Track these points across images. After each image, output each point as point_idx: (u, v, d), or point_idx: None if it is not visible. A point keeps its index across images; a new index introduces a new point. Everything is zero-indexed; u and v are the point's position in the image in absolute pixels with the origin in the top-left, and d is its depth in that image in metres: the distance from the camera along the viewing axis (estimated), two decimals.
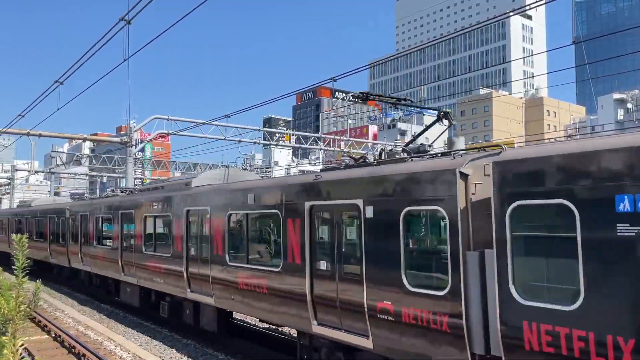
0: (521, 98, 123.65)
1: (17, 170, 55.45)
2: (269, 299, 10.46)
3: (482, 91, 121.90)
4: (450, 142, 9.19)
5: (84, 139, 32.01)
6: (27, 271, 3.46)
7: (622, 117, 78.58)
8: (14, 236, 3.55)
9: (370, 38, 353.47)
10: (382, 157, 9.25)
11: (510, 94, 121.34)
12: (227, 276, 11.84)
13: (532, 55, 66.65)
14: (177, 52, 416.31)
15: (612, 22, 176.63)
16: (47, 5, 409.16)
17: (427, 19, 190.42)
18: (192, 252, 13.31)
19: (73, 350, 13.35)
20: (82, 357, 12.66)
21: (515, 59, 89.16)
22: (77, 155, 57.56)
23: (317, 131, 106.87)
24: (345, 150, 42.81)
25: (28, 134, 27.91)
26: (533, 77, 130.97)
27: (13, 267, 3.49)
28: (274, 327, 14.26)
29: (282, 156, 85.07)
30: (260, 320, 12.02)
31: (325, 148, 42.71)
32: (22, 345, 3.27)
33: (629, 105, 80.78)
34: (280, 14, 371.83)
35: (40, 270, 25.24)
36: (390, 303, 7.76)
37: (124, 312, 18.59)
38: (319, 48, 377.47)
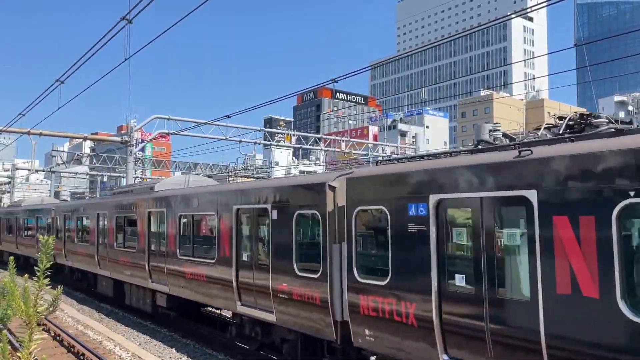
0: (522, 100, 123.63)
1: (17, 169, 55.47)
2: (207, 285, 12.60)
3: (483, 92, 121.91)
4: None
5: (85, 138, 32.00)
6: (49, 273, 3.44)
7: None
8: (40, 237, 3.53)
9: (371, 39, 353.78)
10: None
11: (511, 95, 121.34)
12: (178, 267, 13.81)
13: (534, 57, 66.56)
14: (178, 51, 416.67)
15: (614, 25, 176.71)
16: (48, 4, 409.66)
17: (429, 20, 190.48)
18: (153, 247, 15.20)
19: (72, 349, 13.34)
20: (82, 357, 12.65)
21: (516, 61, 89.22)
22: (78, 155, 57.54)
23: (318, 132, 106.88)
24: (345, 151, 42.82)
25: (29, 133, 27.90)
26: (534, 78, 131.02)
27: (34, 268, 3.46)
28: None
29: (283, 156, 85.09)
30: (201, 304, 14.22)
31: (326, 149, 42.70)
32: (35, 348, 3.25)
33: (630, 108, 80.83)
34: (281, 15, 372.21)
35: (28, 266, 26.00)
36: (285, 285, 9.97)
37: (123, 312, 18.59)
38: (319, 48, 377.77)
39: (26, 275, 3.68)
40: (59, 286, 4.08)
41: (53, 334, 14.98)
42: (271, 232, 10.38)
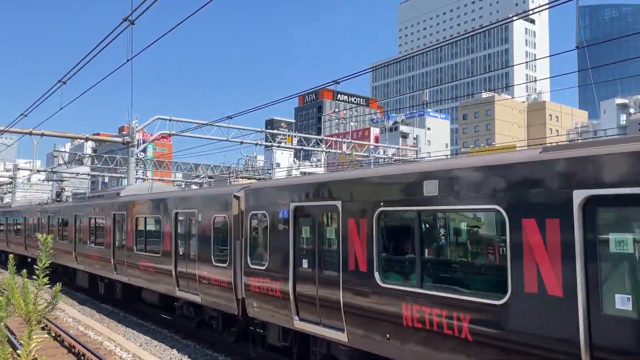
0: (523, 102, 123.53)
1: (19, 169, 55.52)
2: (155, 275, 15.27)
3: (485, 95, 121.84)
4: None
5: (86, 139, 32.03)
6: (48, 272, 3.44)
7: (624, 122, 78.49)
8: (39, 235, 3.54)
9: (373, 41, 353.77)
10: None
11: (513, 97, 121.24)
12: (134, 261, 16.59)
13: (535, 59, 66.56)
14: (180, 52, 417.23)
15: (616, 27, 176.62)
16: (51, 5, 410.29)
17: (430, 22, 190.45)
18: (117, 244, 17.91)
19: (73, 349, 13.34)
20: (82, 357, 12.64)
21: (518, 63, 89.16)
22: (79, 155, 57.57)
23: (319, 133, 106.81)
24: (347, 152, 42.80)
25: (30, 133, 27.92)
26: (536, 81, 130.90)
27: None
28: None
29: (284, 158, 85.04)
30: (153, 292, 16.40)
31: (327, 150, 42.69)
32: (35, 347, 3.24)
33: (632, 110, 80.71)
34: (283, 16, 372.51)
35: (18, 263, 28.75)
36: (206, 273, 12.66)
37: (124, 312, 18.60)
38: (321, 50, 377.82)
39: (24, 271, 3.68)
40: (57, 283, 4.08)
41: (54, 335, 14.97)
42: (197, 231, 13.13)
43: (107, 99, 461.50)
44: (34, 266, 3.33)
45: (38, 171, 58.29)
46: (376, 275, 8.10)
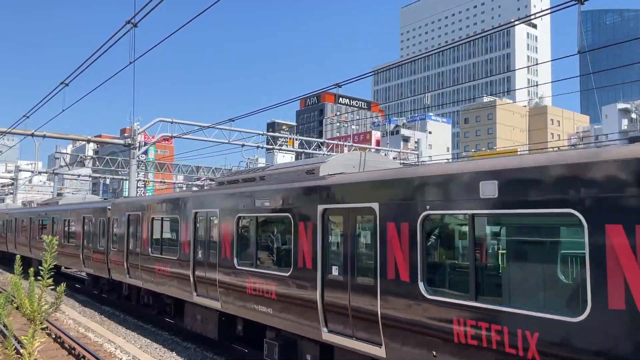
0: (525, 106, 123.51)
1: (20, 170, 55.57)
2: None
3: (486, 99, 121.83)
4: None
5: (88, 141, 32.06)
6: (53, 273, 3.46)
7: (626, 127, 78.43)
8: (44, 237, 3.56)
9: (375, 44, 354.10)
10: None
11: (515, 102, 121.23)
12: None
13: (537, 64, 66.55)
14: (182, 55, 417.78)
15: (618, 32, 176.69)
16: (53, 7, 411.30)
17: (432, 26, 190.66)
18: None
19: (73, 351, 13.33)
20: (82, 359, 12.64)
21: (519, 68, 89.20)
22: (81, 157, 57.65)
23: (321, 136, 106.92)
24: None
25: (32, 135, 27.97)
26: (537, 85, 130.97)
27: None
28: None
29: (285, 160, 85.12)
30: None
31: (329, 153, 42.71)
32: (37, 347, 3.26)
33: (634, 115, 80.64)
34: (285, 19, 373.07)
35: (6, 260, 33.46)
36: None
37: (125, 314, 18.59)
38: (323, 53, 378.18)
39: (31, 270, 3.70)
40: (61, 284, 4.09)
41: (54, 336, 14.97)
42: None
43: (109, 101, 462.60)
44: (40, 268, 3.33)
45: (40, 172, 58.34)
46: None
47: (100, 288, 21.00)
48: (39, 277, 3.37)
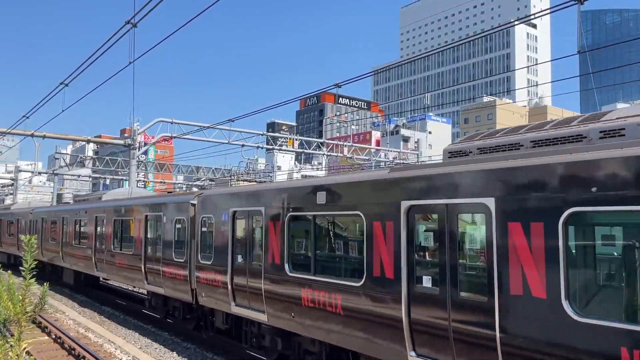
0: (525, 106, 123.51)
1: (20, 171, 55.59)
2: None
3: (486, 99, 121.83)
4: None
5: (88, 141, 32.08)
6: (35, 272, 3.44)
7: None
8: (23, 237, 3.55)
9: (375, 44, 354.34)
10: None
11: (514, 102, 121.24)
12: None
13: (537, 64, 66.58)
14: (182, 55, 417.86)
15: (618, 32, 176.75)
16: (53, 7, 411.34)
17: (432, 26, 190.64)
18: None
19: (73, 351, 13.34)
20: (82, 359, 12.64)
21: (519, 68, 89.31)
22: (81, 157, 57.68)
23: (321, 136, 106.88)
24: (348, 156, 42.80)
25: (32, 135, 27.98)
26: (537, 85, 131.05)
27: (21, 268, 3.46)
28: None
29: (285, 161, 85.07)
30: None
31: (328, 153, 42.71)
32: (25, 348, 3.25)
33: None
34: (285, 19, 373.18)
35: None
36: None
37: (125, 315, 18.59)
38: (323, 53, 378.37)
39: (9, 272, 3.69)
40: (45, 283, 4.08)
41: (54, 336, 14.98)
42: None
43: (109, 101, 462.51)
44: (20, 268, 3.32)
45: (40, 173, 58.36)
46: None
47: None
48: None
